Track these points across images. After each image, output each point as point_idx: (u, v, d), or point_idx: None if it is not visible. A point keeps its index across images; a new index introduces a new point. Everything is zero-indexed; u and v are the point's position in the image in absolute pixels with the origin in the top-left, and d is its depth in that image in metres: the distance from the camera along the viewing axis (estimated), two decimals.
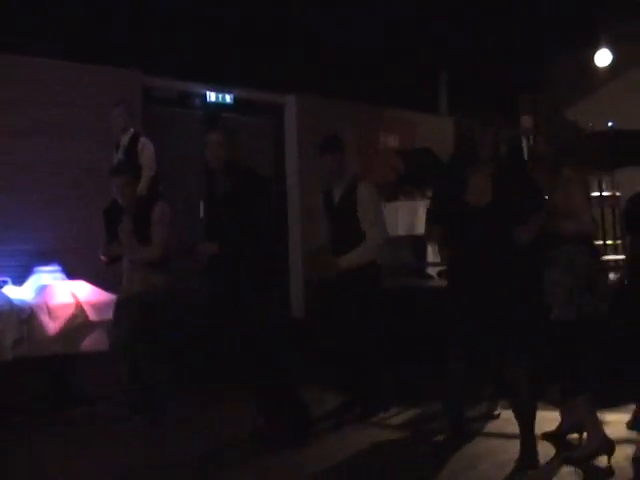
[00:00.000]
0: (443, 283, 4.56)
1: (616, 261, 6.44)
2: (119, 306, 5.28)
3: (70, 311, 5.40)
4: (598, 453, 3.91)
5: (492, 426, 4.69)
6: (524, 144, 8.80)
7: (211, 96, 7.80)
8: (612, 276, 5.36)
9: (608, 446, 3.89)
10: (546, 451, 4.08)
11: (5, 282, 5.67)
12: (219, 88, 7.81)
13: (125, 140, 6.18)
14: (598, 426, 3.94)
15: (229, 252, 4.48)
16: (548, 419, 4.35)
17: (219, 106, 7.85)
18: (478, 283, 3.87)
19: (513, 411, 4.01)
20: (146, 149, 6.11)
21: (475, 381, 4.44)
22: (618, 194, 7.10)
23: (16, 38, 6.12)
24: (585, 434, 4.06)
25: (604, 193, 6.94)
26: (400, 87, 9.07)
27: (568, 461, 3.95)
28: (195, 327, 5.82)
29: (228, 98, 7.92)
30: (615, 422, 4.45)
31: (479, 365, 4.18)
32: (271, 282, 4.75)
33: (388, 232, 5.16)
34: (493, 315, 3.82)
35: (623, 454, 4.00)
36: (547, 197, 4.07)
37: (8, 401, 5.30)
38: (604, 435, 3.92)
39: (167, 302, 5.22)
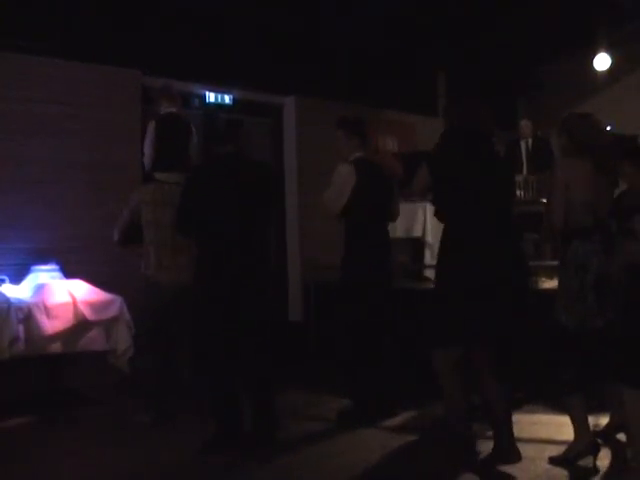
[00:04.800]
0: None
1: None
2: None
3: (67, 310, 5.38)
4: (584, 454, 3.90)
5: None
6: (522, 148, 8.86)
7: (210, 96, 7.81)
8: None
9: (594, 448, 3.90)
10: (528, 453, 4.06)
11: (2, 280, 5.65)
12: (218, 89, 7.82)
13: None
14: (586, 427, 3.93)
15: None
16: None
17: (218, 107, 7.86)
18: None
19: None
20: None
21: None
22: None
23: (15, 37, 6.12)
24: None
25: None
26: (399, 89, 9.08)
27: (554, 462, 3.97)
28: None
29: (227, 99, 7.92)
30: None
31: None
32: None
33: (332, 200, 5.22)
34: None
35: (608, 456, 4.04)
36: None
37: (5, 400, 5.30)
38: (591, 436, 3.94)
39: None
